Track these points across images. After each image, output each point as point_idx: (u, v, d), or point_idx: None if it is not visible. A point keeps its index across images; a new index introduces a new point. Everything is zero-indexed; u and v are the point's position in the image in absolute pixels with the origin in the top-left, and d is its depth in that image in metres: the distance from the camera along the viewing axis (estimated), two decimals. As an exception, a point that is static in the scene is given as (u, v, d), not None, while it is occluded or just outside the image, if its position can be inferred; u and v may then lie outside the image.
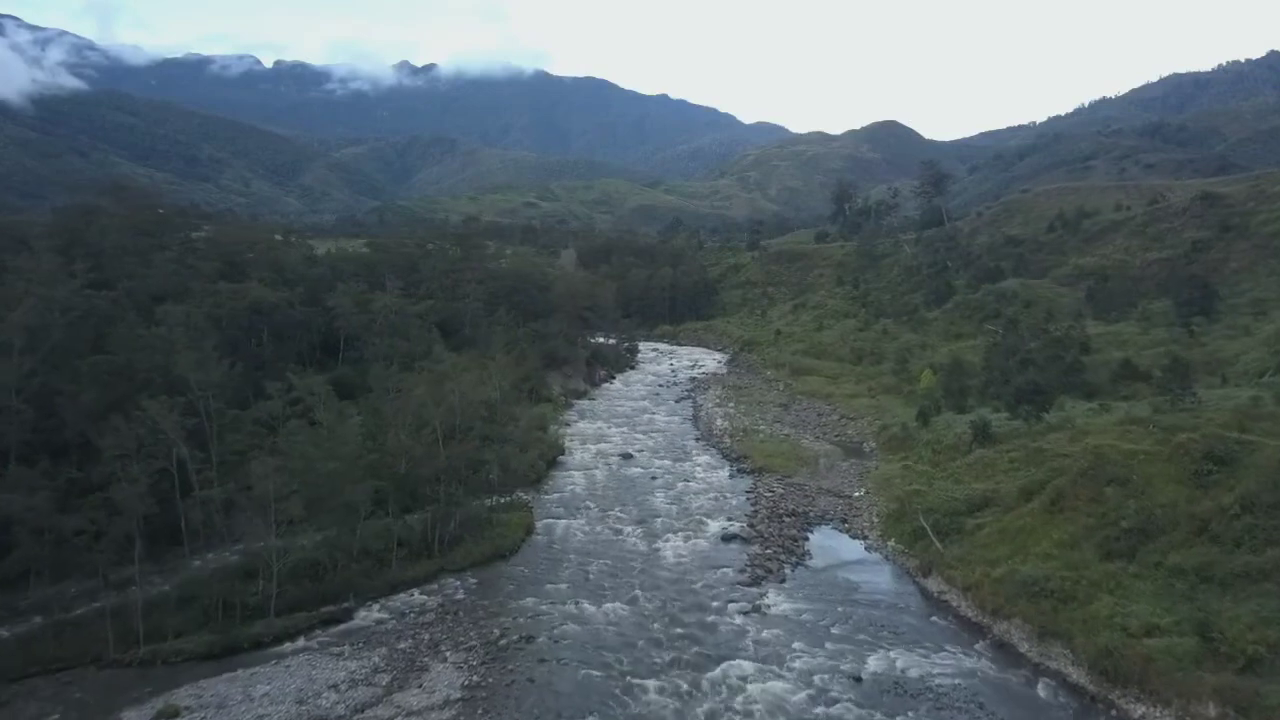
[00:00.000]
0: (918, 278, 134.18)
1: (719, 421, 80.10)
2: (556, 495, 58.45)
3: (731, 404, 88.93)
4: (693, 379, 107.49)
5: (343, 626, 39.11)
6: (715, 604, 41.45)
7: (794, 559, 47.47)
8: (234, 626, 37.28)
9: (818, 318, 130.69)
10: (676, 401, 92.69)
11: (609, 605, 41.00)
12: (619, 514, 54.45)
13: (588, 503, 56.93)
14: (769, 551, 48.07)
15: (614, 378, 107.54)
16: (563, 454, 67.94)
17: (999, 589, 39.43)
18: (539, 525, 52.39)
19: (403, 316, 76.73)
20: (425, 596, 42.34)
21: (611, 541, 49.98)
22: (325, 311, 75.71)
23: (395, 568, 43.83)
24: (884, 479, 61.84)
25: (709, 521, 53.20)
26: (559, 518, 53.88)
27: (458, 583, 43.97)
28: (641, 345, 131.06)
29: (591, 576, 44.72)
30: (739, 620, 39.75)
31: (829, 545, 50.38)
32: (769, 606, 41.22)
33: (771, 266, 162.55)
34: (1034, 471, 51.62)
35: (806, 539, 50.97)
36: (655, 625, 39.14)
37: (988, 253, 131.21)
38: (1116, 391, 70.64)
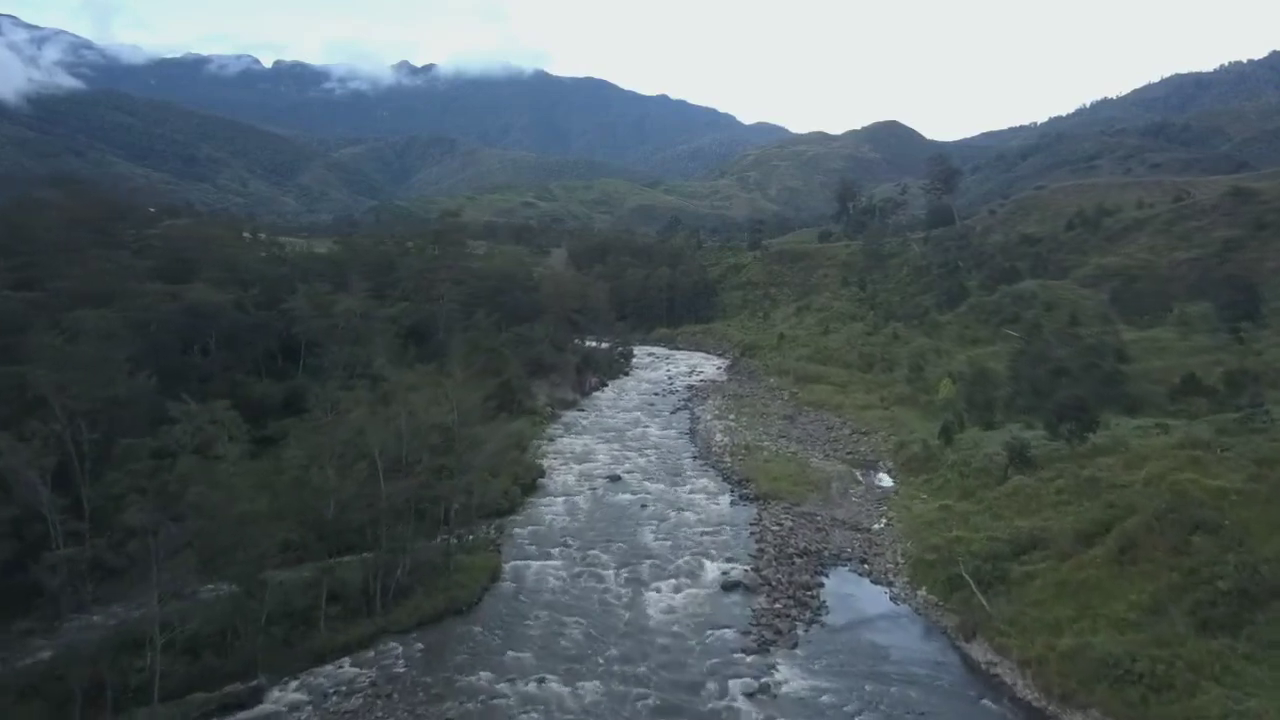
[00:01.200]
0: (928, 278, 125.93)
1: (718, 437, 71.81)
2: (531, 529, 50.09)
3: (732, 416, 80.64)
4: (690, 387, 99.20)
5: (246, 714, 30.86)
6: (714, 680, 33.15)
7: (808, 614, 39.13)
8: (102, 719, 29.07)
9: (823, 320, 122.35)
10: (672, 413, 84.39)
11: (583, 684, 32.67)
12: (602, 554, 46.11)
13: (567, 539, 48.59)
14: (778, 605, 39.75)
15: (606, 385, 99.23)
16: (542, 476, 59.62)
17: (1068, 668, 31.11)
18: (507, 568, 44.09)
19: (368, 320, 68.48)
20: (357, 669, 33.99)
21: (591, 591, 41.67)
22: (282, 315, 67.59)
23: (324, 631, 35.49)
24: (907, 508, 53.64)
25: (707, 564, 44.90)
26: (531, 559, 45.57)
27: (400, 648, 35.60)
28: (637, 349, 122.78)
29: (563, 641, 36.37)
30: (743, 704, 31.49)
31: (848, 595, 42.09)
32: (780, 684, 32.91)
33: (774, 266, 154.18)
34: (1088, 506, 43.40)
35: (821, 585, 42.68)
36: (638, 716, 30.88)
37: (1002, 252, 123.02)
38: (1165, 406, 62.54)
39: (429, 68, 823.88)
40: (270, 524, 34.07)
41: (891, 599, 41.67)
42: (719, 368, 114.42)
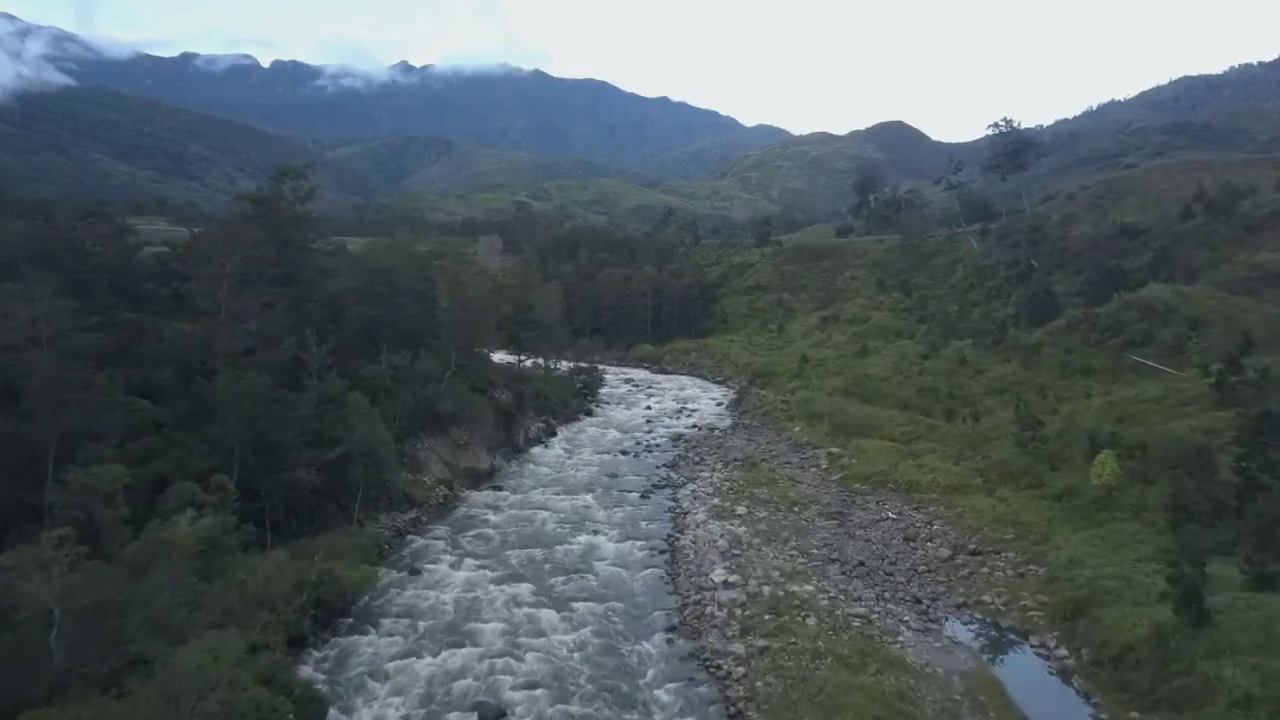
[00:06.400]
0: (994, 282, 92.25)
1: (718, 572, 37.26)
2: None
3: (742, 509, 46.27)
4: (678, 438, 65.05)
5: None
6: None
7: None
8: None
9: (858, 336, 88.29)
10: (643, 495, 50.27)
11: None
12: None
13: None
14: None
15: (554, 433, 65.32)
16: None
17: None
18: None
19: (64, 354, 34.54)
20: None
21: None
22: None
23: None
24: None
25: None
26: None
27: None
28: (610, 374, 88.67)
29: None
30: None
31: None
32: None
33: (788, 266, 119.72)
34: None
35: None
36: None
37: (1093, 247, 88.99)
38: None
39: (426, 67, 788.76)
40: None
41: None
42: (719, 403, 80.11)
